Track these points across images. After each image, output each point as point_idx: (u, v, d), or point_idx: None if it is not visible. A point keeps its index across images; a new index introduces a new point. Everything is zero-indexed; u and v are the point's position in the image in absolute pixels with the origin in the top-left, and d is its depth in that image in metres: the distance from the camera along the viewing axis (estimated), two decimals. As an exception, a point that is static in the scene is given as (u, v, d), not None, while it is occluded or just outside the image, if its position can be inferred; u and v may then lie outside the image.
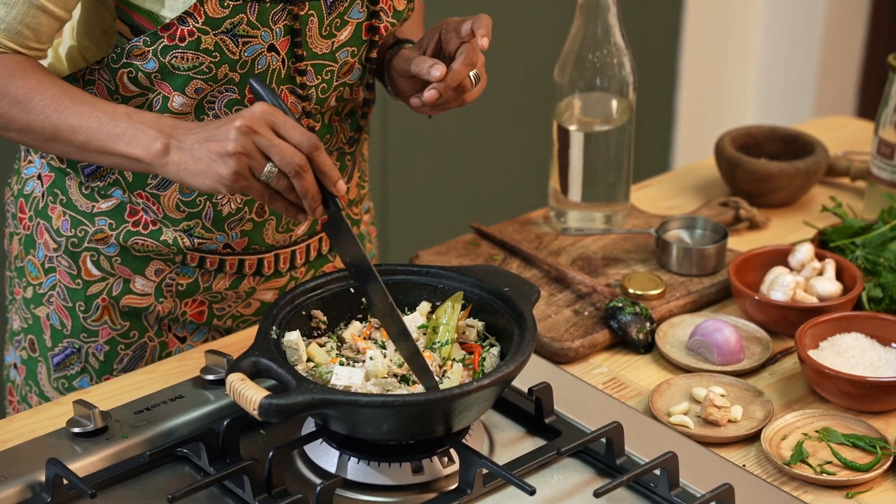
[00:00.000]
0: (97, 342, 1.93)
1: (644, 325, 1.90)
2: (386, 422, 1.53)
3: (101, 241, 1.87)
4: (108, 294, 1.90)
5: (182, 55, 1.71)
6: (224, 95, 1.76)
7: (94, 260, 1.88)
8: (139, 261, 1.88)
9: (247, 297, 1.95)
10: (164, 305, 1.91)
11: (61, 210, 1.89)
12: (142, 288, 1.90)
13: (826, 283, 1.96)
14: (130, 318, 1.92)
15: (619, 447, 1.64)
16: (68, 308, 1.92)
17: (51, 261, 1.91)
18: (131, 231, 1.86)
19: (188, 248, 1.87)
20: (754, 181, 2.26)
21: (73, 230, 1.88)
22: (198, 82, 1.74)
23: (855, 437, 1.70)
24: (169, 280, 1.90)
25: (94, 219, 1.87)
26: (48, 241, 1.91)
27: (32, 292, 1.95)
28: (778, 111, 4.51)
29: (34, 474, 1.59)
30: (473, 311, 1.73)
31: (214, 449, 1.61)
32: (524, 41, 3.89)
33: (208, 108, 1.77)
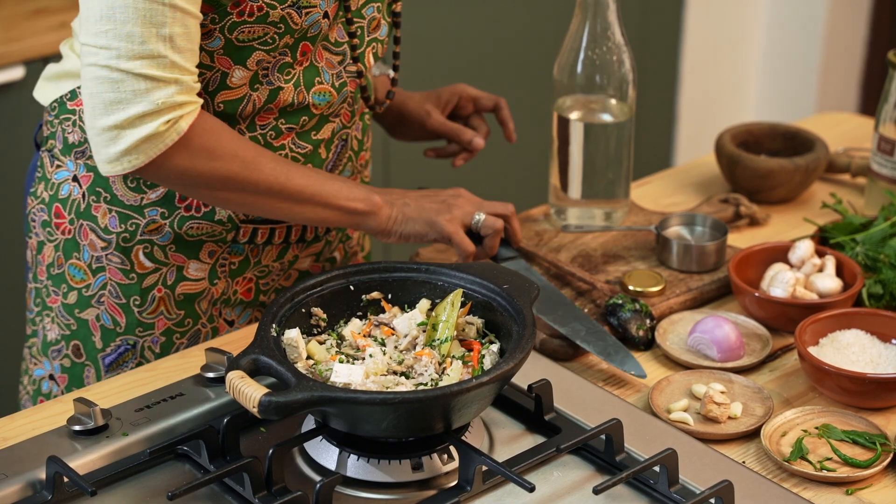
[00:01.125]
0: (153, 335, 1.95)
1: (644, 322, 1.90)
2: (385, 419, 1.53)
3: (155, 232, 1.89)
4: (164, 283, 1.92)
5: (249, 29, 1.75)
6: (278, 60, 1.81)
7: (146, 252, 1.90)
8: (192, 246, 1.91)
9: (289, 267, 2.00)
10: (218, 287, 1.94)
11: (106, 208, 1.89)
12: (195, 273, 1.92)
13: (826, 279, 1.96)
14: (185, 306, 1.94)
15: (619, 444, 1.64)
16: (121, 305, 1.93)
17: (99, 260, 1.91)
18: (184, 216, 1.88)
19: (242, 220, 1.90)
20: (754, 178, 2.26)
21: (122, 226, 1.89)
22: (260, 53, 1.78)
23: (855, 434, 1.70)
24: (222, 260, 1.93)
25: (144, 210, 1.88)
26: (94, 241, 1.91)
27: (77, 296, 1.94)
28: (780, 108, 4.51)
29: (35, 472, 1.59)
30: (473, 308, 1.73)
31: (214, 446, 1.61)
32: (524, 39, 3.89)
33: (262, 76, 1.81)
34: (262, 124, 1.86)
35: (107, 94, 1.67)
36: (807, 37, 4.42)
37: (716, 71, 4.49)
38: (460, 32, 3.73)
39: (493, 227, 1.92)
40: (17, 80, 2.91)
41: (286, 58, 1.82)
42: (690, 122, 4.47)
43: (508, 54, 3.83)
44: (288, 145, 1.89)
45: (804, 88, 4.48)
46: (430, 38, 3.57)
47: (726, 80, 4.53)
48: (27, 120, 2.96)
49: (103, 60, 1.66)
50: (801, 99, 4.49)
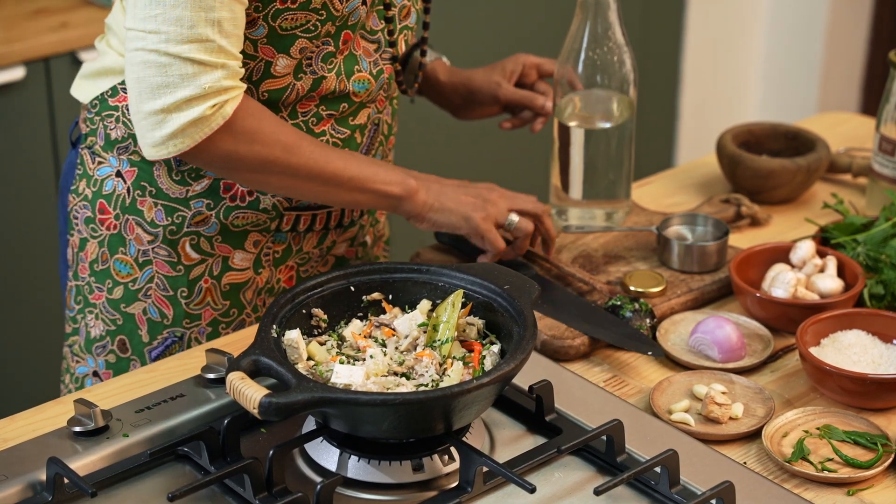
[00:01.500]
0: (200, 325, 1.97)
1: (644, 322, 1.90)
2: (386, 420, 1.53)
3: (201, 223, 1.91)
4: (210, 274, 1.94)
5: (293, 16, 1.77)
6: (321, 49, 1.83)
7: (193, 244, 1.92)
8: (238, 235, 1.94)
9: (327, 252, 2.04)
10: (262, 276, 1.97)
11: (152, 201, 1.91)
12: (240, 262, 1.95)
13: (827, 280, 1.96)
14: (230, 296, 1.97)
15: (620, 445, 1.63)
16: (169, 297, 1.95)
17: (145, 254, 1.94)
18: (230, 206, 1.91)
19: (286, 209, 1.93)
20: (756, 178, 2.26)
21: (168, 218, 1.91)
22: (303, 41, 1.80)
23: (856, 435, 1.70)
24: (266, 249, 1.96)
25: (190, 203, 1.91)
26: (140, 235, 1.93)
27: (123, 291, 1.96)
28: (781, 108, 4.51)
29: (35, 473, 1.59)
30: (474, 308, 1.73)
31: (215, 448, 1.61)
32: (525, 38, 3.89)
33: (306, 65, 1.84)
34: (304, 111, 1.89)
35: (154, 77, 1.68)
36: (808, 37, 4.42)
37: (717, 71, 4.49)
38: (459, 32, 3.73)
39: (525, 231, 1.95)
40: (17, 81, 2.91)
41: (329, 47, 1.84)
42: (691, 122, 4.46)
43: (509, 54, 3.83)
44: (328, 131, 1.92)
45: (805, 89, 4.48)
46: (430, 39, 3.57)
47: (727, 80, 4.53)
48: (27, 120, 2.96)
49: (151, 45, 1.68)
50: (802, 99, 4.49)
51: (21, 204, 3.03)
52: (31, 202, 3.03)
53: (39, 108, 2.98)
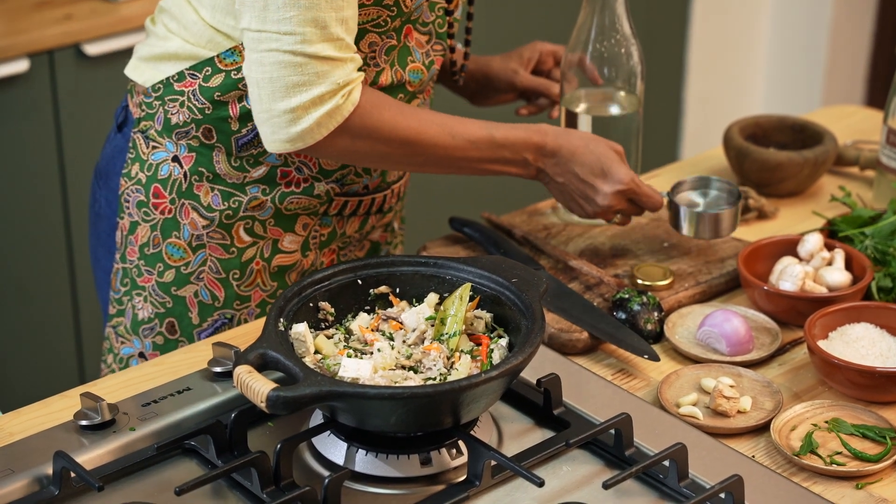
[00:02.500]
0: (249, 307, 2.01)
1: (652, 316, 1.90)
2: (394, 414, 1.53)
3: (257, 208, 1.96)
4: (261, 256, 1.99)
5: (365, 11, 1.81)
6: (385, 43, 1.87)
7: (247, 227, 1.97)
8: (290, 219, 1.98)
9: (364, 237, 2.09)
10: (308, 258, 2.02)
11: (208, 186, 1.95)
12: (289, 245, 1.99)
13: (835, 273, 1.95)
14: (278, 278, 2.01)
15: (628, 438, 1.63)
16: (221, 280, 1.99)
17: (199, 238, 1.97)
18: (285, 192, 1.95)
19: (337, 194, 1.98)
20: (763, 171, 2.25)
21: (224, 203, 1.95)
22: (372, 35, 1.84)
23: (865, 428, 1.69)
24: (314, 232, 2.01)
25: (246, 188, 1.95)
26: (196, 219, 1.97)
27: (175, 274, 2.00)
28: (786, 101, 4.51)
29: (42, 467, 1.58)
30: (481, 302, 1.72)
31: (222, 441, 1.61)
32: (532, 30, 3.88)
33: (370, 58, 1.87)
34: None
35: (290, 77, 1.74)
36: (813, 30, 4.41)
37: (722, 64, 4.48)
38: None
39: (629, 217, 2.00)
40: (21, 73, 2.90)
41: (392, 41, 1.88)
42: (697, 115, 4.46)
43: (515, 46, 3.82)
44: None
45: (810, 81, 4.47)
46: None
47: (732, 73, 4.52)
48: (32, 113, 2.96)
49: (287, 45, 1.74)
50: (807, 92, 4.48)
51: (25, 197, 3.02)
52: (35, 195, 3.03)
53: (43, 100, 2.97)
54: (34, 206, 3.04)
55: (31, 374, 3.17)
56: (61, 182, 3.04)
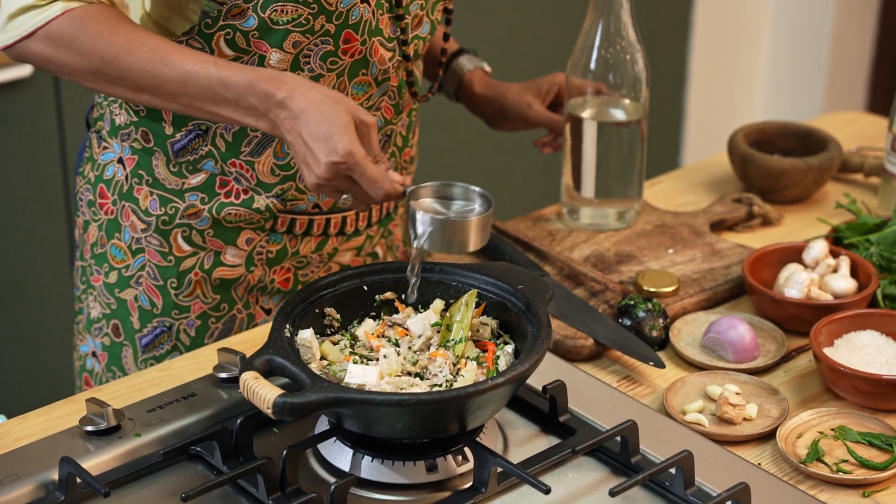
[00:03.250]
0: (189, 318, 1.97)
1: (657, 322, 1.90)
2: (400, 420, 1.52)
3: (194, 216, 1.92)
4: (201, 268, 1.94)
5: (282, 7, 1.76)
6: (320, 48, 1.82)
7: (185, 236, 1.93)
8: (231, 232, 1.93)
9: (328, 259, 2.01)
10: (255, 274, 1.96)
11: (148, 190, 1.92)
12: (232, 259, 1.95)
13: (841, 280, 1.95)
14: (221, 291, 1.97)
15: (634, 446, 1.63)
16: (159, 287, 1.95)
17: (138, 242, 1.95)
18: (224, 202, 1.91)
19: (280, 210, 1.92)
20: (767, 177, 2.25)
21: (162, 209, 1.92)
22: (296, 35, 1.79)
23: (871, 436, 1.69)
24: (259, 248, 1.95)
25: (185, 195, 1.91)
26: (135, 222, 1.94)
27: (117, 276, 1.98)
28: (787, 107, 4.50)
29: (47, 473, 1.58)
30: (487, 308, 1.72)
31: (228, 447, 1.60)
32: (537, 37, 3.88)
33: (304, 62, 1.82)
34: None
35: None
36: (814, 36, 4.41)
37: (724, 70, 4.48)
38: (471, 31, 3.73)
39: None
40: (25, 78, 2.90)
41: (328, 46, 1.82)
42: (698, 121, 4.46)
43: (521, 53, 3.82)
44: None
45: (812, 87, 4.47)
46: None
47: (734, 79, 4.52)
48: (35, 118, 2.96)
49: None
50: (808, 98, 4.48)
51: (30, 200, 3.02)
52: (39, 198, 3.03)
53: (47, 105, 2.97)
54: (37, 209, 3.04)
55: (36, 379, 3.16)
56: (64, 186, 3.03)
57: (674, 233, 2.15)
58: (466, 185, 1.74)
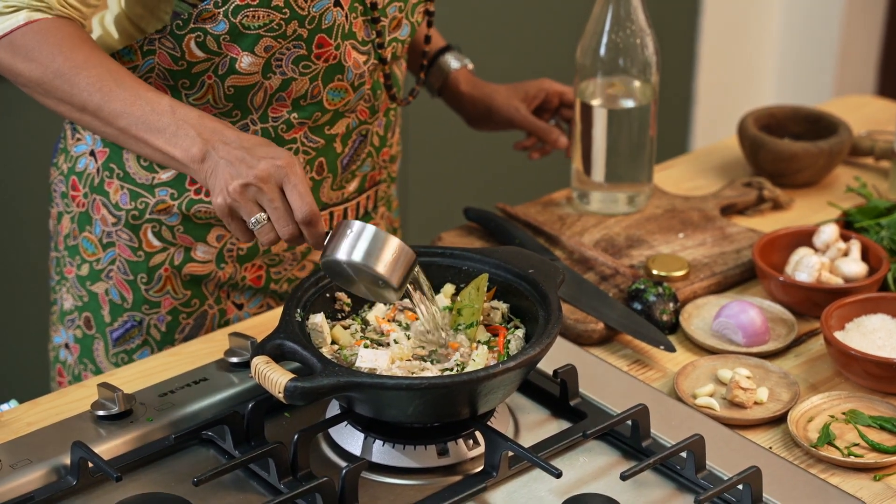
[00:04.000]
0: (159, 313, 1.96)
1: (668, 307, 1.90)
2: (411, 404, 1.53)
3: (164, 212, 1.90)
4: (171, 263, 1.93)
5: (254, 13, 1.74)
6: (292, 52, 1.80)
7: (155, 231, 1.91)
8: (201, 228, 1.92)
9: (302, 258, 1.99)
10: (225, 271, 1.95)
11: (119, 184, 1.91)
12: (203, 255, 1.93)
13: (851, 263, 1.95)
14: (192, 287, 1.95)
15: (645, 430, 1.63)
16: (129, 281, 1.94)
17: (109, 235, 1.94)
18: (193, 199, 1.89)
19: None
20: (778, 161, 2.25)
21: (132, 203, 1.91)
22: (267, 40, 1.77)
23: (882, 420, 1.69)
24: (230, 245, 1.93)
25: (155, 190, 1.90)
26: (106, 216, 1.93)
27: (89, 269, 1.97)
28: (798, 91, 4.50)
29: (59, 457, 1.59)
30: (498, 293, 1.72)
31: (239, 432, 1.61)
32: (547, 21, 3.87)
33: (276, 65, 1.80)
34: (275, 116, 1.86)
35: None
36: (824, 19, 4.40)
37: (733, 55, 4.47)
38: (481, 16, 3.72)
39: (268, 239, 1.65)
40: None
41: (300, 50, 1.80)
42: (708, 106, 4.45)
43: (531, 37, 3.81)
44: (300, 139, 1.89)
45: (822, 71, 4.46)
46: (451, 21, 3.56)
47: (744, 63, 4.51)
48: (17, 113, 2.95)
49: None
50: (819, 81, 4.47)
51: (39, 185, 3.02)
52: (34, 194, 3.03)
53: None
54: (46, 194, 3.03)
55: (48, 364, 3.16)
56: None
57: (684, 217, 2.15)
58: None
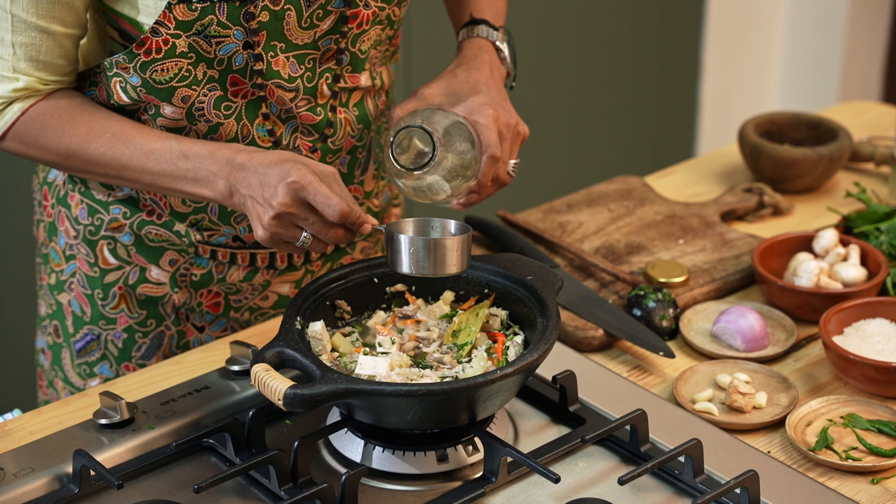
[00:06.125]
0: (115, 329, 1.95)
1: (667, 312, 1.90)
2: (410, 411, 1.53)
3: (117, 230, 1.89)
4: (125, 282, 1.92)
5: (161, 67, 1.72)
6: (210, 96, 1.76)
7: (110, 248, 1.91)
8: (154, 250, 1.90)
9: (262, 289, 1.95)
10: (179, 296, 1.92)
11: (80, 198, 1.91)
12: (157, 277, 1.91)
13: (850, 268, 1.96)
14: (147, 307, 1.93)
15: (644, 434, 1.64)
16: (87, 295, 1.94)
17: (71, 248, 1.94)
18: (145, 220, 1.88)
19: (199, 241, 1.88)
20: (778, 167, 2.26)
21: (90, 218, 1.90)
22: (182, 91, 1.75)
23: (880, 423, 1.69)
24: (183, 270, 1.91)
25: (109, 207, 1.89)
26: (68, 228, 1.93)
27: (56, 279, 1.97)
28: (802, 97, 4.50)
29: (62, 466, 1.60)
30: (497, 299, 1.73)
31: (240, 439, 1.62)
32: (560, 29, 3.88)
33: (198, 114, 1.77)
34: None
35: None
36: (829, 26, 4.41)
37: (738, 61, 4.48)
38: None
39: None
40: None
41: (217, 91, 1.77)
42: (713, 112, 4.45)
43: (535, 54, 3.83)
44: None
45: (826, 78, 4.46)
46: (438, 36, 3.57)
47: (748, 70, 4.52)
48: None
49: None
50: (823, 88, 4.48)
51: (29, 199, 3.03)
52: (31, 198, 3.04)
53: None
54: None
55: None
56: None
57: (684, 223, 2.15)
58: (444, 220, 1.70)
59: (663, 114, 4.26)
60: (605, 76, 4.01)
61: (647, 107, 4.20)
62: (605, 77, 4.02)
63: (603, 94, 4.03)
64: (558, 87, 3.85)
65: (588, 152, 4.06)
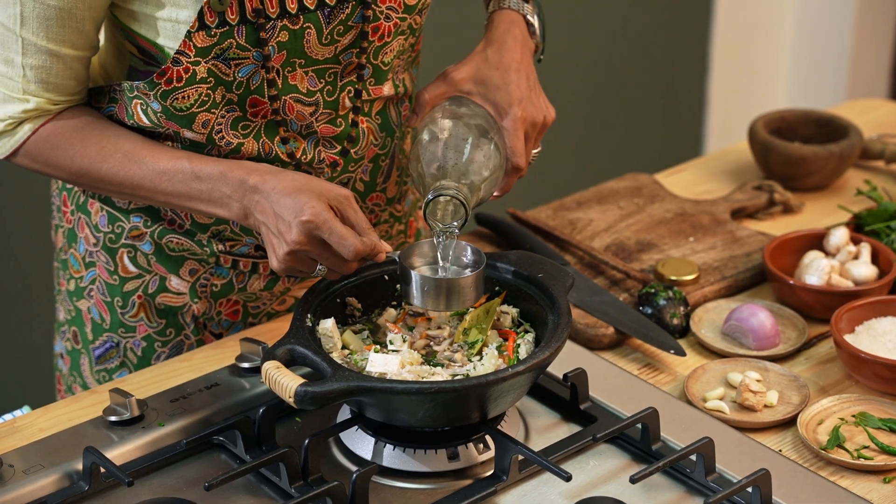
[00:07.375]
0: (135, 338, 1.93)
1: (678, 310, 1.90)
2: (421, 408, 1.53)
3: (137, 238, 1.88)
4: (144, 291, 1.90)
5: (182, 95, 1.72)
6: (228, 117, 1.75)
7: (130, 256, 1.89)
8: (174, 260, 1.89)
9: (281, 294, 1.95)
10: (199, 306, 1.91)
11: (99, 205, 1.90)
12: (177, 287, 1.90)
13: (862, 267, 1.95)
14: (166, 316, 1.92)
15: (655, 433, 1.63)
16: (107, 303, 1.93)
17: (91, 255, 1.92)
18: (166, 229, 1.86)
19: (221, 251, 1.87)
20: (788, 165, 2.25)
21: (110, 226, 1.89)
22: (202, 116, 1.74)
23: (892, 422, 1.69)
24: (203, 280, 1.90)
25: (130, 216, 1.87)
26: (88, 235, 1.92)
27: (75, 285, 1.96)
28: (810, 94, 4.49)
29: (71, 463, 1.60)
30: (508, 297, 1.72)
31: (250, 437, 1.61)
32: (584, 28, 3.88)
33: (218, 137, 1.76)
34: None
35: None
36: (837, 23, 4.40)
37: (746, 58, 4.47)
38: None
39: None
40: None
41: (235, 113, 1.76)
42: (721, 109, 4.45)
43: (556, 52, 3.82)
44: None
45: (835, 75, 4.46)
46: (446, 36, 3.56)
47: (756, 67, 4.51)
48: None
49: None
50: (831, 86, 4.47)
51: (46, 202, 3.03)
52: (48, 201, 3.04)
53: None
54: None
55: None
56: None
57: (694, 221, 2.15)
58: (460, 244, 1.70)
59: (671, 111, 4.25)
60: (613, 74, 4.01)
61: (656, 104, 4.19)
62: (614, 74, 4.01)
63: (611, 91, 4.03)
64: (567, 85, 3.84)
65: (597, 150, 4.06)
